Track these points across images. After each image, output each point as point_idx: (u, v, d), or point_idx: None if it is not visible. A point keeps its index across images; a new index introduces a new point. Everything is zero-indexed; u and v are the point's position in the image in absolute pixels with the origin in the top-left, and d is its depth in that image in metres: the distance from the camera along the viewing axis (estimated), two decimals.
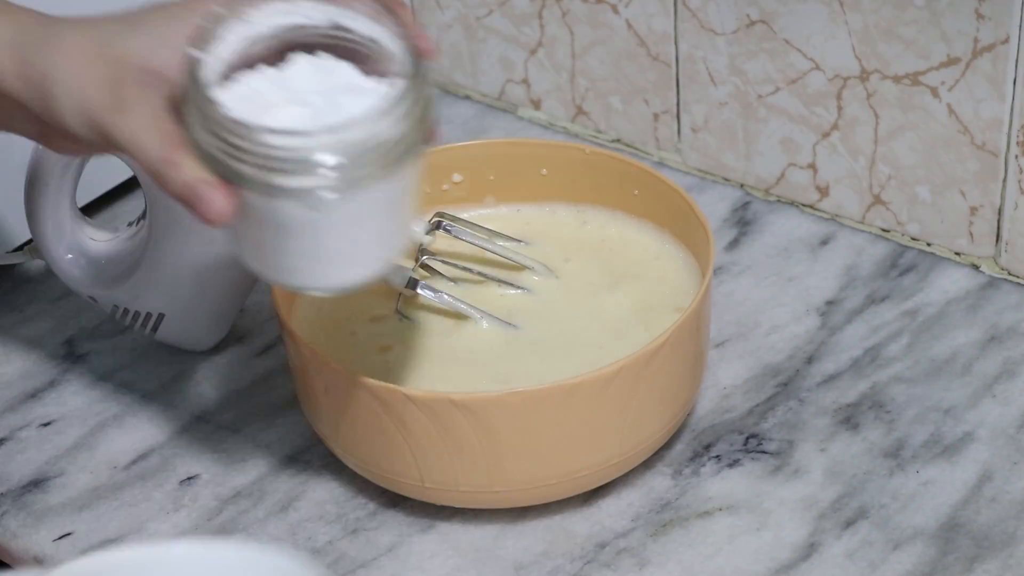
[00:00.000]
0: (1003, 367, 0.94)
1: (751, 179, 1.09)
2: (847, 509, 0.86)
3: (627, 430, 0.84)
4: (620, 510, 0.87)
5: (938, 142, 0.99)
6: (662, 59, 1.09)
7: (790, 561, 0.83)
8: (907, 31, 0.97)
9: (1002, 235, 1.00)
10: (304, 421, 0.92)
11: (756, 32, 1.03)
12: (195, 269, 0.93)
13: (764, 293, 1.01)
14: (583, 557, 0.84)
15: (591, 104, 1.15)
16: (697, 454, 0.90)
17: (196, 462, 0.92)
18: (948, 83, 0.97)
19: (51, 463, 0.92)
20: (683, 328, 0.84)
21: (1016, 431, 0.90)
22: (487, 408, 0.81)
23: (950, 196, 1.01)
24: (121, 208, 1.11)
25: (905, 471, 0.88)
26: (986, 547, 0.83)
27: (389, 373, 0.88)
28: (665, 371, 0.84)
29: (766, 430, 0.91)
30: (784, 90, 1.04)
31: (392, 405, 0.81)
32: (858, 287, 1.01)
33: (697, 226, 0.91)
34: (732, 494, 0.87)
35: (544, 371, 0.87)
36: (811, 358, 0.96)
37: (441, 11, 1.19)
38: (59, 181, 0.91)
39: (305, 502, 0.89)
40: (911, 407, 0.92)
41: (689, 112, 1.10)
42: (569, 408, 0.82)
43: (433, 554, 0.85)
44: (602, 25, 1.11)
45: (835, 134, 1.04)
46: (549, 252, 0.96)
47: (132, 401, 0.96)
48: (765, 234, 1.06)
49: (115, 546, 0.86)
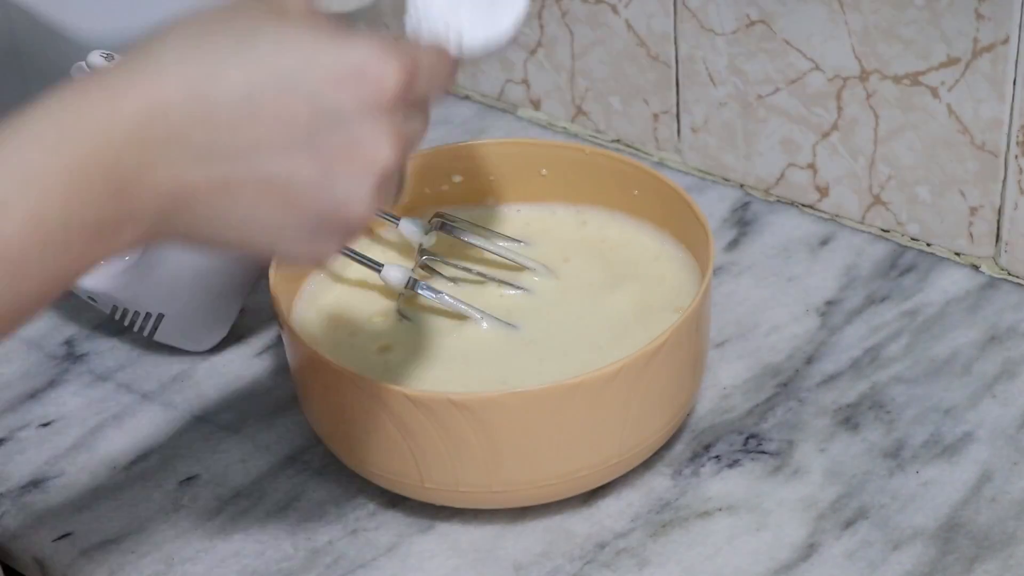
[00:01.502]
0: (1003, 367, 0.94)
1: (751, 179, 1.09)
2: (847, 509, 0.86)
3: (627, 430, 0.84)
4: (620, 510, 0.87)
5: (938, 142, 0.99)
6: (662, 59, 1.09)
7: (790, 561, 0.83)
8: (907, 31, 0.97)
9: (1002, 235, 1.00)
10: (304, 421, 0.92)
11: (756, 32, 1.03)
12: (195, 269, 0.93)
13: (764, 293, 1.01)
14: (583, 557, 0.84)
15: (591, 104, 1.15)
16: (697, 454, 0.90)
17: (196, 462, 0.92)
18: (948, 83, 0.97)
19: (51, 463, 0.92)
20: (683, 328, 0.84)
21: (1016, 431, 0.90)
22: (487, 408, 0.81)
23: (950, 196, 1.01)
24: None
25: (905, 471, 0.88)
26: (986, 547, 0.83)
27: (389, 373, 0.88)
28: (665, 371, 0.84)
29: (766, 430, 0.91)
30: (784, 90, 1.04)
31: (392, 405, 0.81)
32: (858, 287, 1.01)
33: (697, 226, 0.91)
34: (732, 494, 0.87)
35: (544, 371, 0.87)
36: (811, 358, 0.96)
37: None
38: None
39: (305, 502, 0.89)
40: (911, 407, 0.92)
41: (689, 112, 1.10)
42: (569, 408, 0.82)
43: (433, 554, 0.85)
44: (602, 25, 1.11)
45: (835, 134, 1.04)
46: (549, 252, 0.96)
47: (132, 401, 0.96)
48: (765, 234, 1.06)
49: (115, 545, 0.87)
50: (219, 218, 0.63)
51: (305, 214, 0.63)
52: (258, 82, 0.61)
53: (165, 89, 0.60)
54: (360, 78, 0.62)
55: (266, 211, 0.63)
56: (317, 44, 0.62)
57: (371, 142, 0.63)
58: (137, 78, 0.60)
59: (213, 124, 0.60)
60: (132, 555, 0.86)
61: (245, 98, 0.61)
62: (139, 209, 0.61)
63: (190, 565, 0.85)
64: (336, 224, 0.64)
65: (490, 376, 0.87)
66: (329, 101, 0.61)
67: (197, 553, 0.86)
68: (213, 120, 0.60)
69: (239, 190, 0.62)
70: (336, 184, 0.63)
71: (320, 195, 0.63)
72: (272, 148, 0.61)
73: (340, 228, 0.64)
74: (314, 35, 0.62)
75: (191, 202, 0.62)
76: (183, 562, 0.85)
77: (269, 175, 0.62)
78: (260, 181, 0.62)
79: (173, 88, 0.60)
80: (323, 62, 0.62)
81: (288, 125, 0.61)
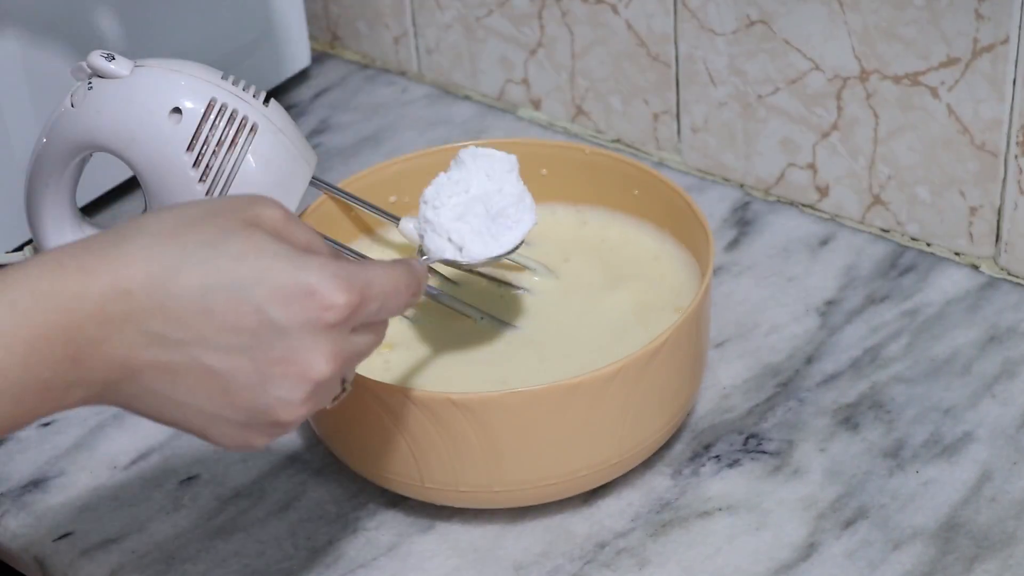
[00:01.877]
0: (1003, 367, 0.94)
1: (751, 179, 1.09)
2: (847, 509, 0.86)
3: (627, 430, 0.84)
4: (620, 510, 0.87)
5: (938, 142, 0.99)
6: (662, 59, 1.09)
7: (790, 561, 0.83)
8: (907, 31, 0.97)
9: (1002, 235, 1.00)
10: (304, 421, 0.92)
11: (756, 32, 1.03)
12: None
13: (764, 293, 1.01)
14: (583, 557, 0.84)
15: (591, 104, 1.15)
16: (697, 454, 0.90)
17: (196, 462, 0.92)
18: (948, 83, 0.97)
19: (51, 463, 0.92)
20: (683, 328, 0.84)
21: (1016, 431, 0.90)
22: (487, 408, 0.81)
23: (950, 196, 1.01)
24: (121, 208, 1.11)
25: (905, 471, 0.88)
26: (986, 547, 0.83)
27: (389, 373, 0.88)
28: (665, 371, 0.84)
29: (766, 430, 0.91)
30: (784, 90, 1.04)
31: (392, 405, 0.81)
32: (858, 287, 1.01)
33: (697, 226, 0.91)
34: (732, 494, 0.87)
35: (544, 371, 0.87)
36: (811, 358, 0.96)
37: (441, 11, 1.19)
38: (59, 181, 0.91)
39: (305, 502, 0.89)
40: (911, 407, 0.92)
41: (689, 112, 1.10)
42: (569, 408, 0.82)
43: (433, 554, 0.85)
44: (602, 25, 1.11)
45: (835, 134, 1.04)
46: (549, 252, 0.96)
47: None
48: (765, 234, 1.06)
49: (115, 544, 0.87)
50: (160, 395, 0.68)
51: (239, 408, 0.69)
52: (213, 285, 0.67)
53: (130, 275, 0.66)
54: (307, 299, 0.67)
55: (203, 398, 0.68)
56: (275, 260, 0.67)
57: (307, 357, 0.68)
58: (108, 260, 0.66)
59: (166, 313, 0.66)
60: (132, 555, 0.86)
61: (199, 297, 0.66)
62: (89, 375, 0.66)
63: (190, 565, 0.85)
64: (267, 422, 0.70)
65: (490, 376, 0.87)
66: (275, 314, 0.67)
67: (197, 553, 0.86)
68: (167, 310, 0.66)
69: (181, 375, 0.67)
70: (270, 388, 0.68)
71: (254, 395, 0.68)
72: (217, 345, 0.67)
73: (270, 426, 0.70)
74: (275, 251, 0.68)
75: (137, 377, 0.67)
76: (183, 562, 0.85)
77: (210, 368, 0.67)
78: (201, 371, 0.67)
79: (138, 275, 0.66)
80: (276, 278, 0.67)
81: (234, 329, 0.67)
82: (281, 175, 0.88)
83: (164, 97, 0.86)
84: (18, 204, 0.93)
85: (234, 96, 0.87)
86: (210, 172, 0.86)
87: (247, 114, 0.87)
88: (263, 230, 0.69)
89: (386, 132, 1.19)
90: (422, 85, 1.24)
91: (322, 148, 1.18)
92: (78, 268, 0.66)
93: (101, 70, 0.86)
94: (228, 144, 0.87)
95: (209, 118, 0.86)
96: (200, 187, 0.86)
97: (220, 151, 0.86)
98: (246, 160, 0.87)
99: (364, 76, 1.26)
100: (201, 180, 0.86)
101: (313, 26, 1.29)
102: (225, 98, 0.87)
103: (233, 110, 0.87)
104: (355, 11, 1.26)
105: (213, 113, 0.86)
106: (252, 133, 0.87)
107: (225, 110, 0.86)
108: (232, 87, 0.88)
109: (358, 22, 1.27)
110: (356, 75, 1.26)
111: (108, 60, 0.86)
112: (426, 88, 1.24)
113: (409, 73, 1.25)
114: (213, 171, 0.86)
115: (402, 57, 1.25)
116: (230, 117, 0.87)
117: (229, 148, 0.87)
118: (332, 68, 1.28)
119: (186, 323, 0.67)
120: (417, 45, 1.23)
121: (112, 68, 0.86)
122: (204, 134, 0.86)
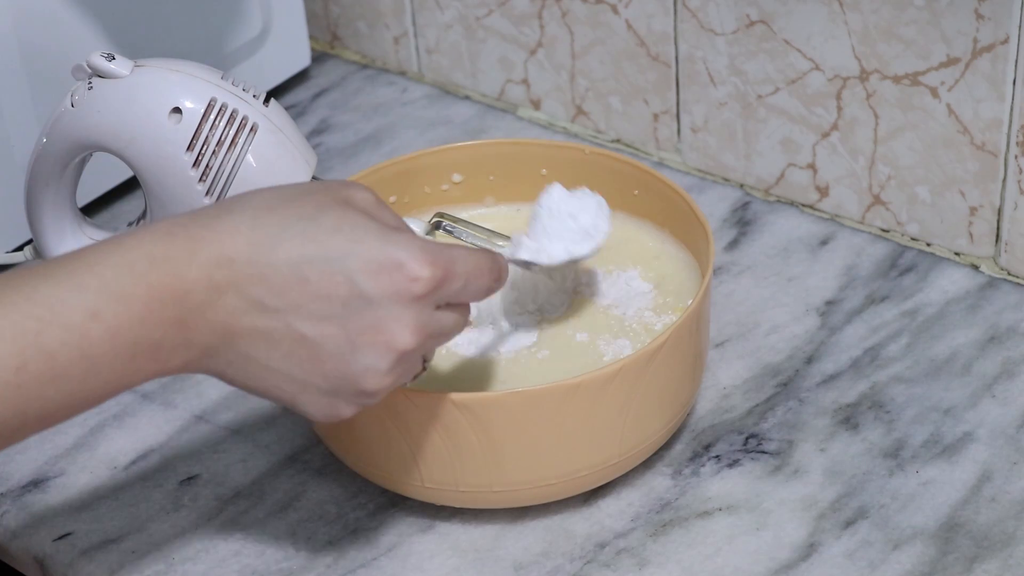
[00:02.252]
0: (1003, 367, 0.94)
1: (751, 179, 1.09)
2: (847, 509, 0.86)
3: (627, 430, 0.84)
4: (620, 510, 0.87)
5: (938, 142, 0.99)
6: (662, 59, 1.09)
7: (790, 561, 0.83)
8: (907, 31, 0.97)
9: (1002, 235, 1.00)
10: (304, 421, 0.92)
11: (756, 32, 1.03)
12: None
13: (764, 293, 1.01)
14: (583, 557, 0.84)
15: (591, 104, 1.15)
16: (697, 454, 0.90)
17: (196, 462, 0.92)
18: (948, 83, 0.97)
19: (51, 463, 0.92)
20: (683, 328, 0.84)
21: (1016, 431, 0.90)
22: (487, 408, 0.81)
23: (950, 196, 1.01)
24: (121, 208, 1.11)
25: (905, 471, 0.88)
26: (986, 547, 0.83)
27: None
28: (665, 371, 0.84)
29: (766, 430, 0.91)
30: (784, 90, 1.04)
31: (392, 405, 0.81)
32: (858, 287, 1.01)
33: (697, 226, 0.91)
34: (732, 494, 0.87)
35: (544, 371, 0.87)
36: (811, 358, 0.96)
37: (441, 11, 1.19)
38: (59, 181, 0.90)
39: (305, 502, 0.89)
40: (911, 407, 0.92)
41: (689, 112, 1.10)
42: (569, 408, 0.82)
43: (433, 554, 0.85)
44: (602, 25, 1.11)
45: (835, 134, 1.04)
46: None
47: (132, 401, 0.96)
48: (765, 234, 1.06)
49: (116, 544, 0.87)
50: (254, 361, 0.72)
51: (328, 376, 0.73)
52: (309, 256, 0.71)
53: (235, 245, 0.71)
54: (395, 271, 0.71)
55: (294, 365, 0.72)
56: (367, 235, 0.72)
57: (393, 327, 0.72)
58: (214, 230, 0.71)
59: (265, 282, 0.71)
60: (132, 555, 0.86)
61: (295, 267, 0.71)
62: (194, 338, 0.71)
63: (190, 565, 0.85)
64: (353, 390, 0.73)
65: (490, 376, 0.87)
66: (364, 285, 0.71)
67: (197, 553, 0.86)
68: (266, 278, 0.71)
69: (276, 342, 0.72)
70: (358, 356, 0.72)
71: (343, 362, 0.72)
72: (310, 313, 0.71)
73: (356, 394, 0.74)
74: (366, 227, 0.72)
75: (236, 342, 0.71)
76: (183, 562, 0.85)
77: (303, 335, 0.71)
78: (294, 338, 0.72)
79: (241, 246, 0.71)
80: (367, 251, 0.71)
81: (327, 298, 0.71)
82: (281, 175, 0.88)
83: (164, 97, 0.86)
84: (18, 204, 0.93)
85: (234, 96, 0.87)
86: (210, 172, 0.86)
87: (247, 114, 0.87)
88: (355, 208, 0.73)
89: (386, 132, 1.19)
90: (422, 85, 1.24)
91: (322, 148, 1.18)
92: (187, 237, 0.70)
93: (101, 70, 0.86)
94: (228, 144, 0.86)
95: (209, 118, 0.86)
96: (200, 187, 0.86)
97: (220, 151, 0.86)
98: (246, 160, 0.87)
99: (364, 76, 1.26)
100: (201, 180, 0.86)
101: (313, 26, 1.29)
102: (225, 98, 0.87)
103: (233, 110, 0.87)
104: (355, 11, 1.26)
105: (213, 113, 0.86)
106: (252, 133, 0.87)
107: (225, 110, 0.86)
108: (232, 87, 0.88)
109: (358, 22, 1.27)
110: (356, 75, 1.26)
111: (108, 60, 0.86)
112: (426, 88, 1.24)
113: (409, 73, 1.25)
114: (213, 171, 0.86)
115: (402, 57, 1.25)
116: (230, 117, 0.87)
117: (229, 148, 0.86)
118: (332, 68, 1.28)
119: (283, 291, 0.71)
120: (417, 45, 1.23)
121: (112, 68, 0.86)
122: (204, 134, 0.86)
